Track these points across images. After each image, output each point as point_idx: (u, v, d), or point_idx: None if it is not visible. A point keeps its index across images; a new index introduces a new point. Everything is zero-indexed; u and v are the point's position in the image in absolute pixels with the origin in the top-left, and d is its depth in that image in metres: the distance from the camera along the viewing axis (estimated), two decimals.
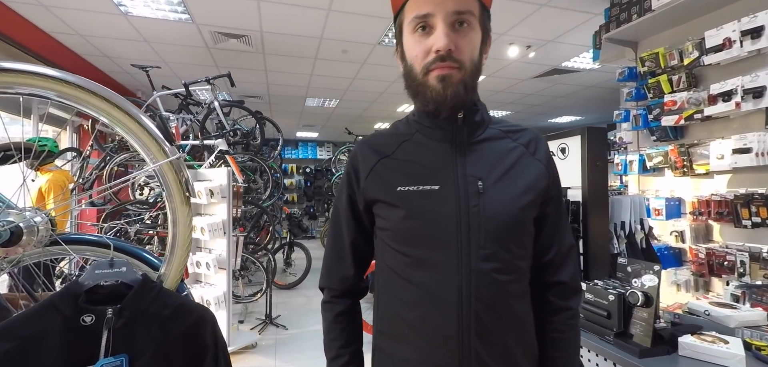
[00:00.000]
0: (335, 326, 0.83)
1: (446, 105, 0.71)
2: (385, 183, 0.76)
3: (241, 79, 5.26)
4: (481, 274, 0.69)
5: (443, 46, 0.68)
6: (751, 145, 1.93)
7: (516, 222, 0.72)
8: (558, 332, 0.77)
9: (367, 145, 0.82)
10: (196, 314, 0.98)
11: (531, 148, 0.78)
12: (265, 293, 4.31)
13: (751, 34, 1.92)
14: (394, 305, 0.76)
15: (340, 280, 0.84)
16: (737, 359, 1.05)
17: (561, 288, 0.78)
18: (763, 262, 1.93)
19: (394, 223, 0.74)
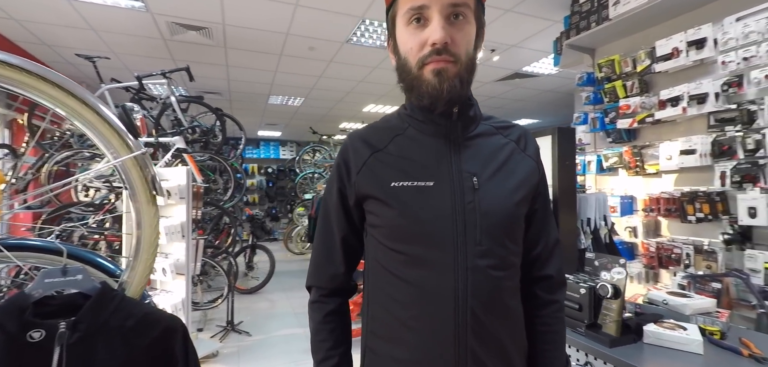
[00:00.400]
0: (324, 326, 0.79)
1: (442, 100, 0.69)
2: (379, 178, 0.73)
3: (200, 73, 5.00)
4: (477, 271, 0.68)
5: (440, 39, 0.66)
6: (696, 147, 2.10)
7: (510, 218, 0.72)
8: (546, 325, 0.78)
9: (359, 139, 0.78)
10: (164, 324, 0.89)
11: (521, 145, 0.78)
12: (226, 298, 4.12)
13: (695, 45, 2.09)
14: (387, 304, 0.73)
15: (330, 278, 0.81)
16: (696, 344, 1.13)
17: (548, 282, 0.79)
18: (705, 254, 2.11)
19: (388, 220, 0.71)
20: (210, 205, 4.42)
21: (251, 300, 5.04)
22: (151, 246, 0.91)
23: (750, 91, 1.90)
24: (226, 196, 4.72)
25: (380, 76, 5.31)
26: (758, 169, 1.85)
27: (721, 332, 1.22)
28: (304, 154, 8.62)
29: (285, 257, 7.92)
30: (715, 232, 2.08)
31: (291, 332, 3.91)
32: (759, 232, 1.92)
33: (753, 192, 1.86)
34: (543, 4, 3.33)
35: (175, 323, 0.90)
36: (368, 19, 3.66)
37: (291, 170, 10.21)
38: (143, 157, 0.88)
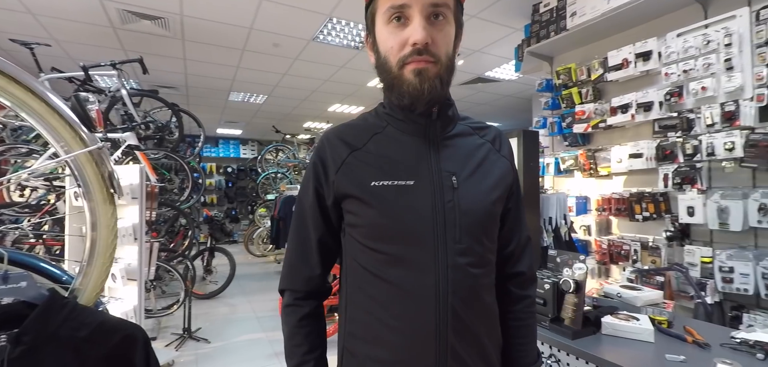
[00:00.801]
0: (300, 330, 0.77)
1: (423, 100, 0.69)
2: (358, 177, 0.72)
3: (154, 66, 4.70)
4: (457, 268, 0.69)
5: (421, 40, 0.66)
6: (643, 151, 2.28)
7: (488, 216, 0.73)
8: (519, 320, 0.81)
9: (336, 137, 0.77)
10: (122, 333, 0.83)
11: (496, 145, 0.80)
12: (182, 304, 3.91)
13: (643, 57, 2.26)
14: (366, 304, 0.72)
15: (306, 280, 0.78)
16: (648, 333, 1.22)
17: (521, 278, 0.82)
18: (650, 250, 2.29)
19: (368, 220, 0.71)
20: (165, 205, 4.17)
21: (210, 306, 4.82)
22: (108, 249, 0.84)
23: (689, 100, 2.09)
24: (183, 196, 4.47)
25: (347, 75, 5.28)
26: (695, 172, 2.04)
27: (668, 322, 1.33)
28: (267, 154, 8.37)
29: (246, 260, 7.64)
30: (659, 229, 2.26)
31: (253, 338, 3.78)
32: (696, 229, 2.11)
33: (691, 193, 2.04)
34: (505, 12, 3.46)
35: (135, 332, 0.84)
36: (336, 18, 3.63)
37: (252, 170, 9.87)
38: (100, 152, 0.81)
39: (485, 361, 0.73)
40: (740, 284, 1.84)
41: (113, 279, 2.97)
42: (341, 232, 0.78)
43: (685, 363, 1.07)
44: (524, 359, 0.80)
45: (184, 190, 4.52)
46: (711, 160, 1.99)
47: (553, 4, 2.71)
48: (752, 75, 1.85)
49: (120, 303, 2.91)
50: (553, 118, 2.86)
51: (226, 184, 10.69)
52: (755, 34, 1.85)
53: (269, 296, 5.18)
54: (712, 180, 2.04)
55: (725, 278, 1.88)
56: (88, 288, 0.83)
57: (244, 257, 7.78)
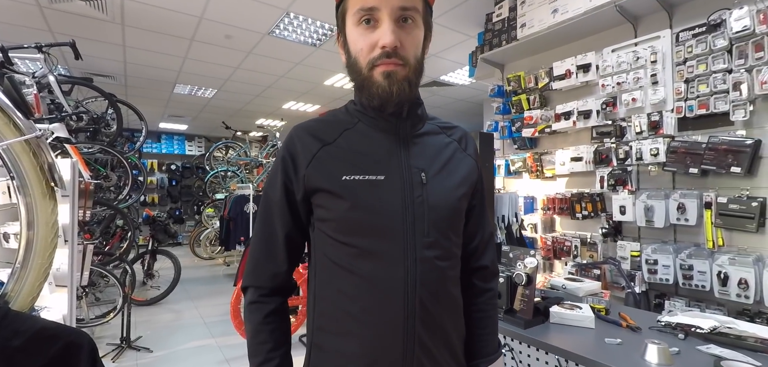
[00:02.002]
0: (264, 327, 0.76)
1: (392, 101, 0.71)
2: (329, 172, 0.72)
3: (88, 52, 4.28)
4: (425, 261, 0.71)
5: (390, 43, 0.68)
6: (583, 155, 2.48)
7: (454, 211, 0.77)
8: (482, 311, 0.85)
9: (306, 132, 0.77)
10: (64, 340, 0.76)
11: (462, 144, 0.84)
12: (120, 311, 3.60)
13: (583, 69, 2.47)
14: (335, 299, 0.73)
15: (271, 277, 0.77)
16: (589, 320, 1.34)
17: (484, 272, 0.87)
18: (589, 245, 2.50)
19: (339, 213, 0.71)
20: (100, 204, 3.82)
21: (151, 312, 4.48)
22: (47, 249, 0.76)
23: (621, 110, 2.31)
24: (121, 194, 4.12)
25: (303, 72, 5.17)
26: (627, 174, 2.26)
27: (605, 309, 1.47)
28: (216, 151, 7.94)
29: (192, 263, 7.21)
30: (595, 227, 2.48)
31: (201, 344, 3.58)
32: (627, 226, 2.34)
33: (623, 193, 2.26)
34: (461, 19, 3.60)
35: (79, 339, 0.77)
36: (293, 13, 3.55)
37: (199, 168, 9.31)
38: (38, 141, 0.73)
39: (450, 351, 0.76)
40: (663, 274, 2.07)
41: None
42: (310, 227, 0.78)
43: (621, 345, 1.19)
44: (486, 348, 0.84)
45: (123, 188, 4.17)
46: (639, 164, 2.22)
47: (505, 15, 2.87)
48: (673, 89, 2.09)
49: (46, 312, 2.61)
50: (503, 122, 3.02)
51: (170, 182, 10.00)
52: (675, 53, 2.09)
53: (218, 300, 4.93)
54: (641, 182, 2.28)
55: (650, 270, 2.11)
56: (22, 293, 0.75)
57: (190, 260, 7.34)
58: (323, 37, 4.02)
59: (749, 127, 1.87)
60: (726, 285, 1.83)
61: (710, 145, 1.93)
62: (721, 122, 1.95)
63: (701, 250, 1.99)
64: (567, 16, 2.41)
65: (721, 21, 1.89)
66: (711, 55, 1.94)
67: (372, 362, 0.70)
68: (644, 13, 2.25)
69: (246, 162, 7.53)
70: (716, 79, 1.92)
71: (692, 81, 2.01)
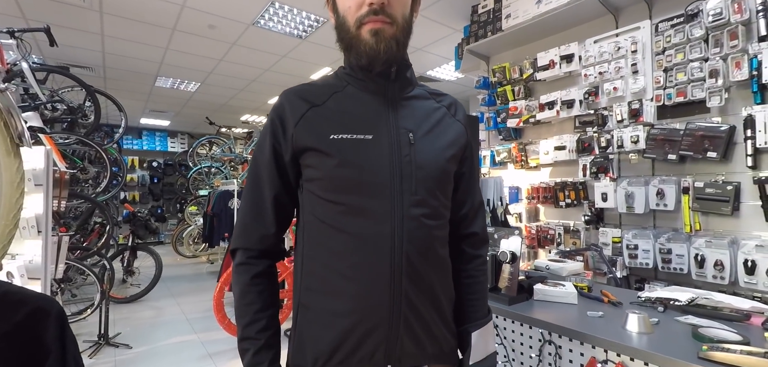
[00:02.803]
0: (252, 288, 0.75)
1: (379, 60, 0.72)
2: (317, 131, 0.73)
3: (64, 41, 4.14)
4: (412, 219, 0.71)
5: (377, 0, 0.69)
6: (566, 144, 2.52)
7: (442, 172, 0.77)
8: (471, 277, 0.86)
9: (295, 94, 0.77)
10: (31, 305, 0.72)
11: (452, 111, 0.85)
12: (97, 308, 3.49)
13: (566, 59, 2.50)
14: (323, 257, 0.73)
15: (259, 239, 0.77)
16: (572, 296, 1.36)
17: (474, 239, 0.87)
18: (572, 233, 2.54)
19: (327, 171, 0.71)
20: (77, 197, 3.69)
21: (131, 309, 4.36)
22: (12, 210, 0.72)
23: (603, 99, 2.36)
24: (99, 188, 4.00)
25: (289, 66, 5.12)
26: (608, 162, 2.31)
27: (588, 287, 1.49)
28: (199, 147, 7.80)
29: (174, 261, 7.06)
30: (578, 214, 2.52)
31: (183, 340, 3.50)
32: (609, 213, 2.38)
33: (604, 181, 2.30)
34: (447, 12, 3.62)
35: (47, 304, 0.73)
36: (278, 3, 3.50)
37: (182, 165, 9.12)
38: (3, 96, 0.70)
39: (438, 310, 0.76)
40: (643, 259, 2.12)
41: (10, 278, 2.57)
42: (299, 190, 0.78)
43: (603, 317, 1.21)
44: (476, 313, 0.84)
45: (101, 181, 4.05)
46: (620, 152, 2.27)
47: (490, 6, 2.89)
48: (652, 79, 2.14)
49: None
50: (489, 113, 3.05)
51: (151, 179, 9.77)
52: (655, 43, 2.14)
53: (201, 296, 4.83)
54: (622, 169, 2.33)
55: (631, 255, 2.15)
56: None
57: (172, 259, 7.18)
58: (309, 29, 3.98)
59: (724, 113, 1.92)
60: (703, 267, 1.88)
61: (688, 132, 1.98)
62: (698, 110, 2.01)
63: (679, 234, 2.05)
64: (551, 6, 2.44)
65: (698, 11, 1.94)
66: (688, 44, 1.99)
67: (359, 319, 0.69)
68: (625, 5, 2.30)
69: (230, 158, 7.41)
70: (693, 68, 1.97)
71: (671, 70, 2.06)
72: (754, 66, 1.77)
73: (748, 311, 1.16)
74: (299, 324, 0.75)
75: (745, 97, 1.85)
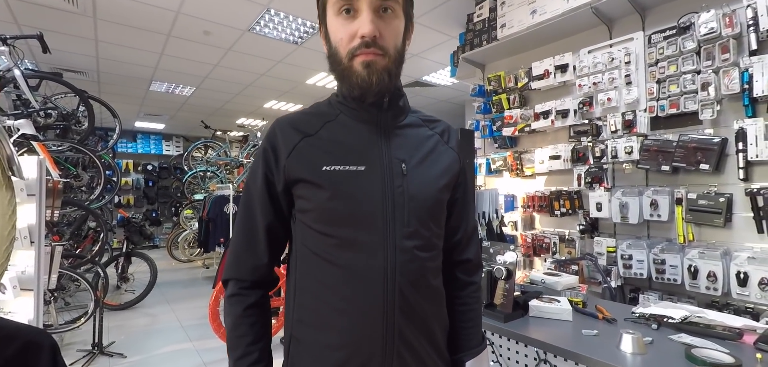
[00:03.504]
0: (245, 320, 0.74)
1: (372, 91, 0.72)
2: (310, 162, 0.72)
3: (57, 46, 4.11)
4: (404, 251, 0.71)
5: (368, 33, 0.68)
6: (561, 153, 2.53)
7: (435, 202, 0.77)
8: (466, 304, 0.85)
9: (288, 124, 0.77)
10: (21, 340, 0.71)
11: (445, 137, 0.84)
12: (91, 316, 3.46)
13: (561, 69, 2.52)
14: (315, 289, 0.72)
15: (252, 269, 0.76)
16: (568, 313, 1.36)
17: (467, 265, 0.87)
18: (567, 242, 2.55)
19: (319, 203, 0.71)
20: (71, 204, 3.66)
21: (126, 317, 4.33)
22: (4, 242, 0.72)
23: (597, 109, 2.37)
24: (94, 194, 3.97)
25: (285, 71, 5.11)
26: (603, 172, 2.32)
27: (582, 302, 1.49)
28: (195, 151, 7.75)
29: (169, 266, 7.01)
30: (573, 224, 2.53)
31: (178, 348, 3.47)
32: (603, 222, 2.40)
33: (599, 191, 2.32)
34: (442, 19, 3.63)
35: (39, 338, 0.72)
36: (274, 9, 3.50)
37: (177, 168, 9.07)
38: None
39: (431, 342, 0.76)
40: (637, 269, 2.13)
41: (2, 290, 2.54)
42: (291, 219, 0.77)
43: (598, 336, 1.22)
44: (471, 341, 0.84)
45: (95, 188, 4.01)
46: (614, 162, 2.28)
47: (485, 15, 2.91)
48: (646, 90, 2.16)
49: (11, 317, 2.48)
50: (484, 121, 3.06)
51: (146, 183, 9.71)
52: (648, 54, 2.16)
53: (197, 303, 4.80)
54: (616, 179, 2.34)
55: (625, 265, 2.16)
56: None
57: (167, 263, 7.13)
58: (305, 35, 3.98)
59: (716, 126, 1.94)
60: (696, 278, 1.90)
61: (680, 144, 2.00)
62: (690, 121, 2.02)
63: (673, 244, 2.06)
64: (545, 17, 2.45)
65: (690, 24, 1.96)
66: (681, 56, 2.01)
67: (352, 353, 0.69)
68: (619, 16, 2.32)
69: (226, 162, 7.38)
70: (686, 80, 1.99)
71: (664, 81, 2.08)
72: (745, 79, 1.79)
73: (740, 330, 1.17)
74: (291, 357, 0.74)
75: (737, 109, 1.87)
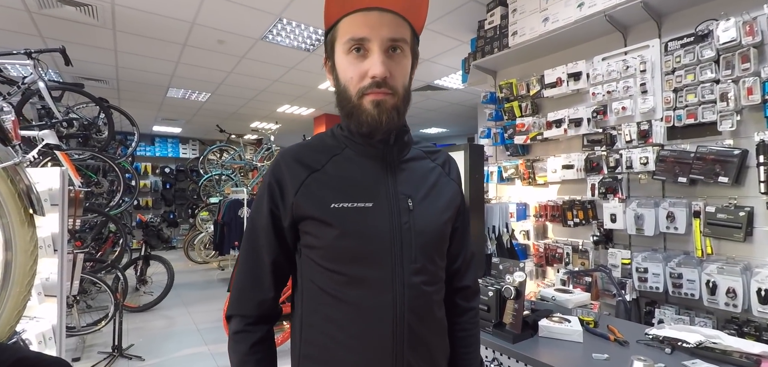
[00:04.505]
0: (251, 357, 0.75)
1: (381, 130, 0.72)
2: (318, 199, 0.73)
3: (80, 57, 4.26)
4: (412, 287, 0.72)
5: (380, 74, 0.69)
6: (574, 162, 2.49)
7: (440, 236, 0.78)
8: (465, 330, 0.87)
9: (293, 158, 0.77)
10: None
11: (446, 169, 0.85)
12: (111, 319, 3.57)
13: (574, 77, 2.48)
14: (323, 326, 0.73)
15: (257, 304, 0.77)
16: (578, 334, 1.34)
17: (467, 292, 0.88)
18: (580, 253, 2.51)
19: (328, 241, 0.71)
20: (92, 211, 3.79)
21: (144, 319, 4.45)
22: (26, 277, 0.75)
23: (612, 118, 2.33)
24: (113, 200, 4.09)
25: (297, 77, 5.16)
26: (617, 182, 2.27)
27: (594, 322, 1.47)
28: (210, 154, 7.90)
29: (186, 267, 7.17)
30: (587, 234, 2.49)
31: (194, 352, 3.55)
32: (618, 234, 2.35)
33: (613, 201, 2.27)
34: (454, 25, 3.61)
35: None
36: (286, 18, 3.54)
37: (193, 171, 9.26)
38: (16, 168, 0.73)
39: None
40: (653, 282, 2.08)
41: None
42: (297, 253, 0.78)
43: (608, 361, 1.20)
44: (470, 365, 0.85)
45: (115, 193, 4.14)
46: (629, 173, 2.23)
47: (497, 23, 2.88)
48: (662, 98, 2.11)
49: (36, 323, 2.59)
50: (496, 129, 3.03)
51: (164, 185, 9.94)
52: (664, 63, 2.11)
53: (212, 305, 4.90)
54: (631, 190, 2.29)
55: (641, 278, 2.12)
56: (2, 319, 0.74)
57: (184, 264, 7.29)
58: (316, 42, 4.02)
59: (736, 137, 1.88)
60: (714, 294, 1.84)
61: (698, 155, 1.94)
62: (709, 132, 1.97)
63: (691, 258, 2.01)
64: (557, 24, 2.42)
65: (709, 32, 1.91)
66: (699, 65, 1.95)
67: None
68: (633, 23, 2.27)
69: (240, 165, 7.50)
70: (704, 89, 1.93)
71: (681, 90, 2.02)
72: (766, 90, 1.73)
73: (758, 356, 1.13)
74: None
75: (758, 120, 1.81)
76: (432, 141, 10.46)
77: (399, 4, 0.70)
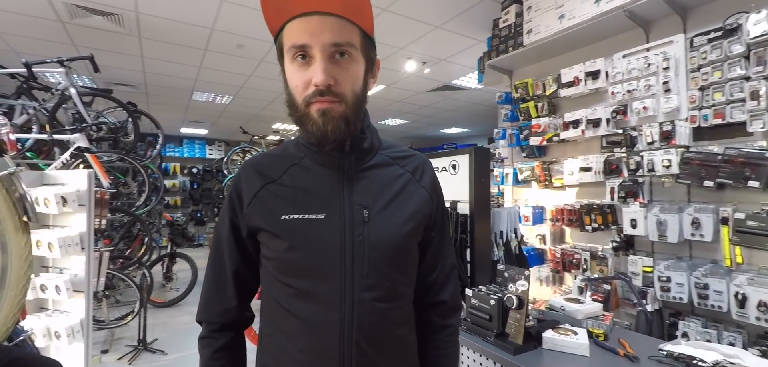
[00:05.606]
0: (214, 363, 0.76)
1: (328, 140, 0.69)
2: (269, 211, 0.72)
3: (109, 63, 4.47)
4: (362, 304, 0.69)
5: (321, 82, 0.65)
6: (592, 165, 2.38)
7: (398, 250, 0.73)
8: (439, 349, 0.82)
9: (252, 168, 0.77)
10: None
11: (417, 175, 0.80)
12: (138, 314, 3.73)
13: (592, 76, 2.37)
14: (277, 338, 0.72)
15: (221, 312, 0.78)
16: (584, 348, 1.28)
17: (442, 307, 0.83)
18: (599, 259, 2.40)
19: (278, 254, 0.71)
20: (120, 211, 3.97)
21: (169, 314, 4.63)
22: (21, 281, 0.78)
23: (632, 119, 2.21)
24: (141, 200, 4.28)
25: None
26: (638, 186, 2.16)
27: (604, 334, 1.40)
28: (234, 155, 8.12)
29: None
30: (606, 239, 2.37)
31: None
32: (639, 240, 2.23)
33: (634, 206, 2.15)
34: (469, 24, 3.54)
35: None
36: None
37: (219, 171, 9.56)
38: (10, 177, 0.76)
39: None
40: (676, 292, 1.96)
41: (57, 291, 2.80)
42: (260, 263, 0.78)
43: None
44: None
45: (142, 193, 4.33)
46: (651, 176, 2.11)
47: (511, 21, 2.80)
48: (687, 97, 1.98)
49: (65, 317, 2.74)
50: (512, 130, 2.95)
51: (191, 185, 10.32)
52: (689, 59, 1.98)
53: None
54: (653, 194, 2.17)
55: (663, 287, 2.00)
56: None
57: None
58: None
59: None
60: (744, 307, 1.71)
61: (726, 157, 1.81)
62: (738, 133, 1.83)
63: (718, 268, 1.88)
64: (574, 21, 2.32)
65: (738, 25, 1.77)
66: (727, 61, 1.82)
67: None
68: (656, 18, 2.14)
69: None
70: (733, 87, 1.80)
71: (707, 89, 1.89)
72: None
73: None
74: None
75: None
76: (452, 141, 10.32)
77: (339, 5, 0.65)
